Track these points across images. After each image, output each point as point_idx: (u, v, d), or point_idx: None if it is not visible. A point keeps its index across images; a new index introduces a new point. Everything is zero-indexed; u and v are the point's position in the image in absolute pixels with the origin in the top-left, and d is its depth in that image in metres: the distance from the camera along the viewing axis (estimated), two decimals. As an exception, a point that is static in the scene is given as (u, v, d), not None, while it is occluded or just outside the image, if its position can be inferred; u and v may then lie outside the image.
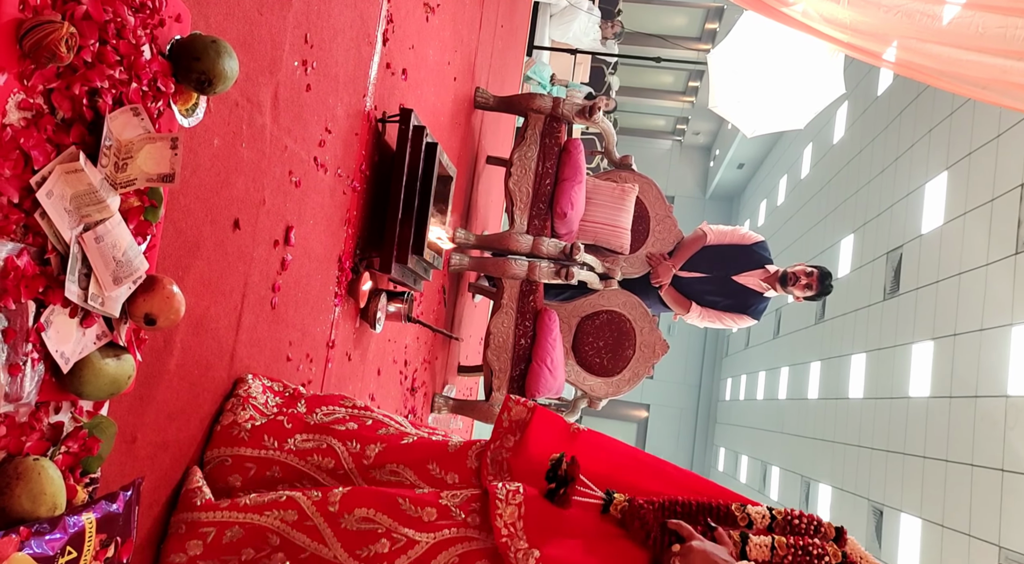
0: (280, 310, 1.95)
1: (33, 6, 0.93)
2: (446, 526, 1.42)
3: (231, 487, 1.58)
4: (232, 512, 1.46)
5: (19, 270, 0.93)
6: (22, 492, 0.95)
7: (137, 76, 1.10)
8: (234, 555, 1.41)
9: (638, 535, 1.39)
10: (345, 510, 1.43)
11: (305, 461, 1.60)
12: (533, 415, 1.59)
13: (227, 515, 1.46)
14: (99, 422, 1.12)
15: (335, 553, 1.39)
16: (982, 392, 6.66)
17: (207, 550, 1.43)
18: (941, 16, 3.38)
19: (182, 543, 1.43)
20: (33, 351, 0.96)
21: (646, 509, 1.40)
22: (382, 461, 1.59)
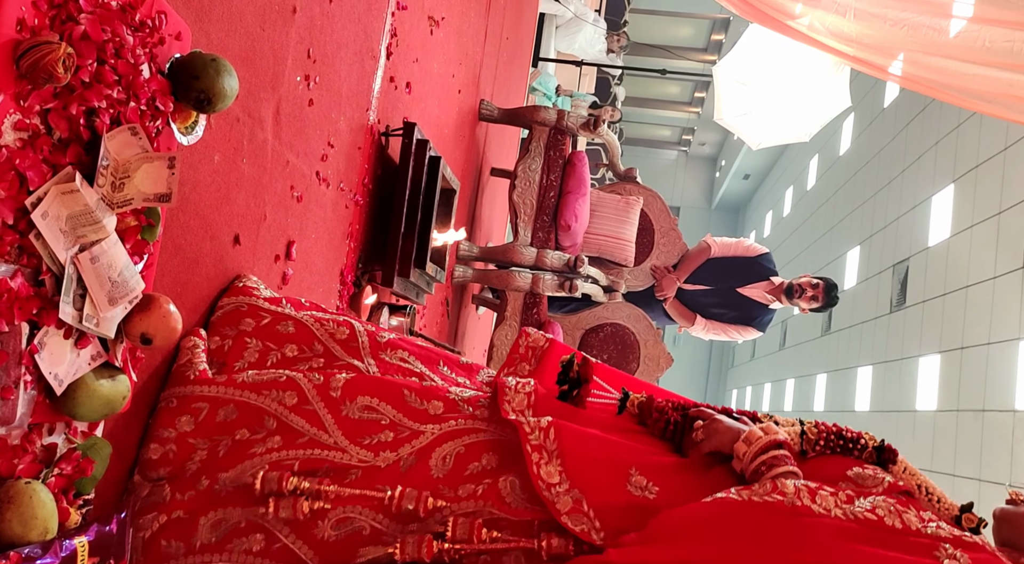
0: (281, 325, 1.94)
1: (31, 27, 0.93)
2: (452, 418, 1.36)
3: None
4: (229, 388, 1.38)
5: (13, 292, 0.92)
6: (13, 516, 0.93)
7: (135, 95, 1.09)
8: (227, 435, 1.34)
9: (656, 427, 1.34)
10: (347, 397, 1.37)
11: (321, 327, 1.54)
12: (551, 345, 1.53)
13: (222, 391, 1.38)
14: (93, 443, 1.11)
15: (335, 439, 1.32)
16: (989, 406, 6.61)
17: (198, 427, 1.35)
18: (947, 30, 3.37)
19: (172, 418, 1.35)
20: (26, 373, 0.96)
21: (665, 404, 1.36)
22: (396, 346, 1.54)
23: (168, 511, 1.26)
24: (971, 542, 1.08)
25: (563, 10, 7.70)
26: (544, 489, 1.20)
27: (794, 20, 3.75)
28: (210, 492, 1.28)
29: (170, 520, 1.25)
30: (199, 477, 1.30)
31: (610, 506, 1.19)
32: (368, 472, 1.29)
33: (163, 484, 1.30)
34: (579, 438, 1.28)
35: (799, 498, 1.12)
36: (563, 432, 1.27)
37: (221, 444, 1.34)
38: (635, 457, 1.26)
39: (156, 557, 1.23)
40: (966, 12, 3.26)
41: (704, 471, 1.26)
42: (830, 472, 1.23)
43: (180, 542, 1.24)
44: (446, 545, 1.19)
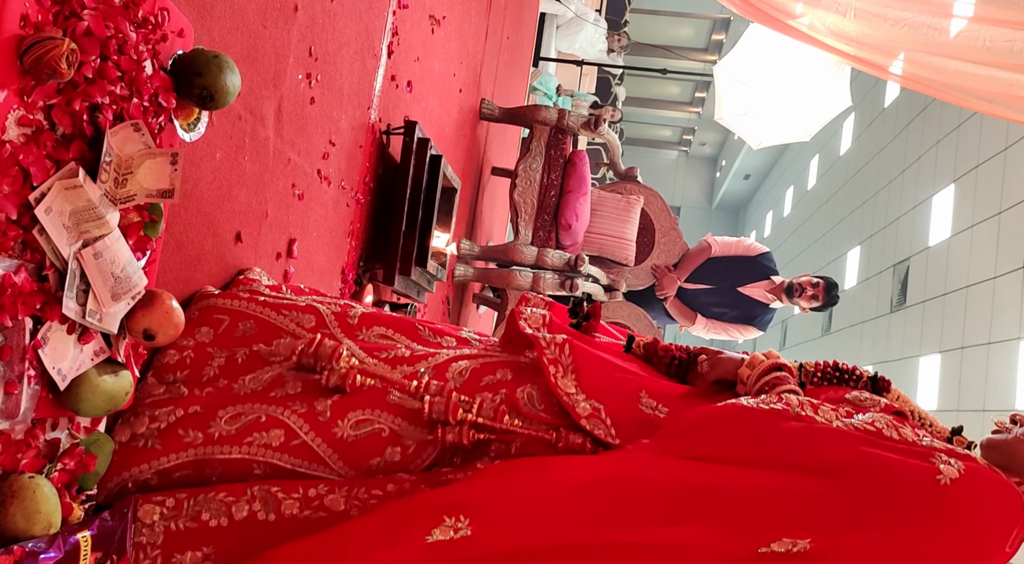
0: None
1: (34, 22, 0.93)
2: (466, 348, 1.40)
3: None
4: (251, 304, 1.41)
5: (16, 287, 0.93)
6: (16, 510, 0.94)
7: (138, 91, 1.09)
8: (244, 347, 1.36)
9: (662, 363, 1.39)
10: (364, 325, 1.40)
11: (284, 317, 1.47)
12: (552, 303, 1.56)
13: (244, 305, 1.41)
14: (96, 438, 1.12)
15: (353, 352, 1.35)
16: (990, 406, 6.61)
17: (217, 338, 1.37)
18: (948, 29, 3.37)
19: (193, 328, 1.37)
20: (30, 368, 0.96)
21: (669, 345, 1.42)
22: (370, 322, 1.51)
23: (185, 406, 1.26)
24: (964, 453, 1.15)
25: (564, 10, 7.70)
26: (563, 395, 1.24)
27: (795, 19, 3.75)
28: (229, 390, 1.29)
29: (187, 414, 1.25)
30: (218, 379, 1.31)
31: (625, 418, 1.24)
32: (386, 381, 1.31)
33: (179, 385, 1.31)
34: (593, 357, 1.33)
35: (803, 409, 1.18)
36: (577, 350, 1.32)
37: (239, 353, 1.35)
38: (644, 382, 1.32)
39: (173, 445, 1.22)
40: (967, 12, 3.26)
41: (710, 397, 1.30)
42: (828, 397, 1.29)
43: (198, 431, 1.24)
44: (470, 416, 1.22)
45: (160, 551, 1.16)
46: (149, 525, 1.16)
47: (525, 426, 1.24)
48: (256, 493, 1.18)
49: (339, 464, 1.23)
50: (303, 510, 1.18)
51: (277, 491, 1.18)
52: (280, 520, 1.17)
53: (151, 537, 1.16)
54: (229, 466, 1.22)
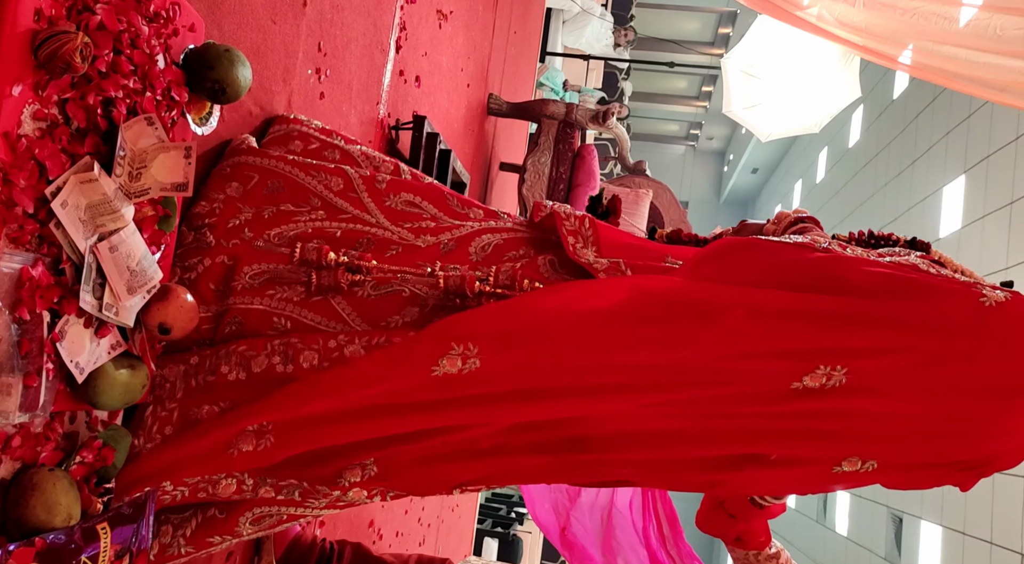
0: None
1: (48, 17, 0.94)
2: (492, 221, 1.39)
3: None
4: (280, 163, 1.40)
5: (34, 280, 0.93)
6: (37, 503, 0.94)
7: (151, 85, 1.10)
8: (272, 205, 1.35)
9: (689, 244, 1.38)
10: (392, 191, 1.38)
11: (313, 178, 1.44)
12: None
13: (273, 164, 1.40)
14: (114, 432, 1.12)
15: (377, 219, 1.34)
16: (1003, 397, 6.57)
17: (245, 195, 1.37)
18: (958, 18, 3.34)
19: (223, 183, 1.37)
20: (48, 361, 0.96)
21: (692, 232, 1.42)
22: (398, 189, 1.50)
23: (213, 256, 1.27)
24: (1012, 290, 1.06)
25: (570, 4, 7.69)
26: (583, 261, 1.22)
27: (803, 10, 3.73)
28: (253, 245, 1.30)
29: (214, 264, 1.26)
30: (243, 229, 1.32)
31: (647, 269, 1.21)
32: (408, 249, 1.30)
33: (206, 231, 1.32)
34: (613, 230, 1.31)
35: (829, 245, 1.12)
36: (598, 224, 1.30)
37: (266, 210, 1.35)
38: (667, 249, 1.29)
39: (202, 297, 1.24)
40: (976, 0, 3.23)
41: None
42: None
43: (223, 285, 1.25)
44: (487, 287, 1.20)
45: (178, 406, 1.17)
46: (171, 382, 1.18)
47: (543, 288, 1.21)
48: (276, 347, 1.18)
49: (358, 321, 1.22)
50: (322, 362, 1.16)
51: (296, 342, 1.18)
52: (298, 371, 1.16)
53: (170, 392, 1.18)
54: (250, 317, 1.22)
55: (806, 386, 1.04)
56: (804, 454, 1.13)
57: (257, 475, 1.19)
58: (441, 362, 1.07)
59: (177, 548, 1.26)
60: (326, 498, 1.21)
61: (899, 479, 1.16)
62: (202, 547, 1.28)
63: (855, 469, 1.12)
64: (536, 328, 1.10)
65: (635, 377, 1.09)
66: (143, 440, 1.17)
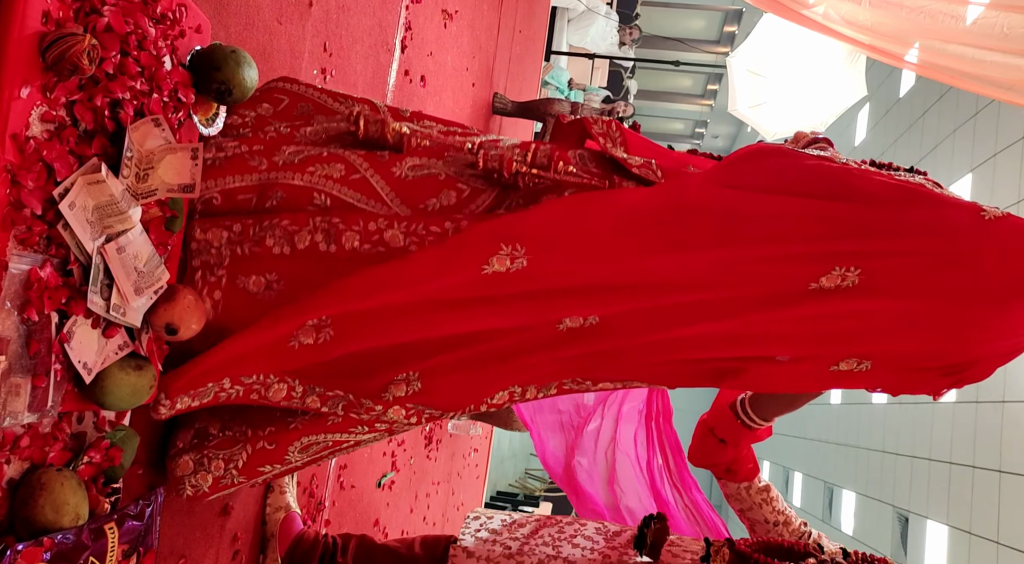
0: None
1: (56, 19, 0.94)
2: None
3: None
4: (309, 89, 1.44)
5: (42, 281, 0.94)
6: (45, 502, 0.95)
7: (158, 87, 1.10)
8: (306, 123, 1.38)
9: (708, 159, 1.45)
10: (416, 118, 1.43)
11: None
12: None
13: (303, 90, 1.43)
14: (122, 432, 1.13)
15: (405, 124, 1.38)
16: (1009, 397, 6.54)
17: (276, 114, 1.40)
18: (964, 16, 3.33)
19: (254, 104, 1.39)
20: (56, 362, 0.97)
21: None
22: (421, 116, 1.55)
23: (250, 144, 1.29)
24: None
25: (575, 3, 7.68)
26: (616, 155, 1.28)
27: (808, 9, 3.72)
28: (290, 135, 1.34)
29: (252, 149, 1.28)
30: (279, 129, 1.35)
31: (675, 173, 1.28)
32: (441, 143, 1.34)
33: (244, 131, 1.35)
34: (638, 136, 1.36)
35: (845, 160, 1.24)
36: (625, 129, 1.35)
37: (298, 120, 1.39)
38: (689, 158, 1.37)
39: (239, 167, 1.26)
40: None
41: None
42: None
43: (263, 158, 1.27)
44: (524, 167, 1.24)
45: (226, 272, 1.20)
46: (217, 247, 1.21)
47: (578, 174, 1.25)
48: (318, 224, 1.21)
49: (395, 201, 1.25)
50: (363, 244, 1.20)
51: (338, 222, 1.21)
52: (340, 252, 1.20)
53: (217, 258, 1.21)
54: (291, 193, 1.24)
55: (822, 286, 1.14)
56: (808, 352, 1.23)
57: (307, 383, 1.24)
58: (491, 261, 1.14)
59: (230, 479, 1.32)
60: (368, 414, 1.25)
61: (887, 382, 1.28)
62: (253, 476, 1.33)
63: (851, 368, 1.22)
64: (580, 231, 1.17)
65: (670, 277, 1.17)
66: None
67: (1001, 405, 6.64)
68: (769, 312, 1.17)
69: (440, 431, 3.70)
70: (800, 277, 1.14)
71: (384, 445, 2.82)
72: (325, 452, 1.37)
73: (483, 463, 5.41)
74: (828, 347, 1.21)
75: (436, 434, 3.62)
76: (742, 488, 1.62)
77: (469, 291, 1.16)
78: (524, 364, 1.25)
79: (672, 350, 1.25)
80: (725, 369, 1.28)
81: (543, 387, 1.32)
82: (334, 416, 1.28)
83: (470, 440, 4.69)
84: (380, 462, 2.79)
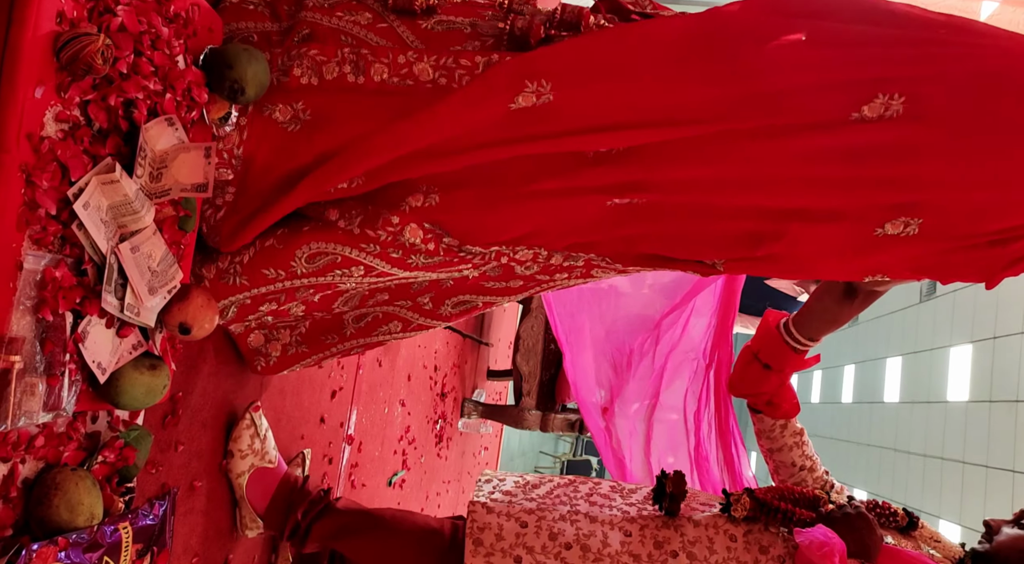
0: (312, 317, 1.95)
1: (70, 19, 0.94)
2: None
3: None
4: None
5: (57, 281, 0.94)
6: (60, 502, 0.95)
7: (172, 86, 1.10)
8: None
9: None
10: None
11: None
12: None
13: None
14: (136, 432, 1.13)
15: None
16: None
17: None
18: (979, 12, 3.31)
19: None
20: (71, 361, 0.97)
21: None
22: None
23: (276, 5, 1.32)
24: None
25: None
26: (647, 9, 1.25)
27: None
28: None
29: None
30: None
31: None
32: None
33: None
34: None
35: None
36: None
37: None
38: None
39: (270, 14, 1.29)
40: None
41: None
42: None
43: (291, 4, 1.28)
44: (553, 31, 1.22)
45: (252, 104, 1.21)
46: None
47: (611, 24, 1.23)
48: (346, 55, 1.21)
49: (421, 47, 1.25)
50: (391, 77, 1.20)
51: (367, 54, 1.21)
52: (368, 84, 1.20)
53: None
54: (319, 30, 1.25)
55: (864, 116, 1.08)
56: (850, 205, 1.15)
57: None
58: (517, 99, 1.13)
59: (233, 276, 1.30)
60: (384, 230, 1.23)
61: (935, 260, 1.19)
62: (257, 280, 1.30)
63: (897, 233, 1.15)
64: (606, 64, 1.14)
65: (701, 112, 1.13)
66: None
67: (1015, 404, 6.59)
68: (809, 140, 1.11)
69: (450, 429, 3.71)
70: (842, 105, 1.08)
71: (395, 443, 2.83)
72: (331, 273, 1.31)
73: (493, 461, 5.41)
74: (871, 194, 1.13)
75: (447, 432, 3.63)
76: (777, 426, 1.60)
77: (497, 132, 1.15)
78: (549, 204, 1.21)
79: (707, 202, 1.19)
80: (763, 232, 1.21)
81: (570, 256, 1.29)
82: (348, 231, 1.26)
83: (480, 438, 4.69)
84: (391, 461, 2.80)
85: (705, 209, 1.22)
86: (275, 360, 1.47)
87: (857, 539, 1.37)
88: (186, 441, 1.44)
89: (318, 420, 2.05)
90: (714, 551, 1.42)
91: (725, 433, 1.91)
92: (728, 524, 1.46)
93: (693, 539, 1.43)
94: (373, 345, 1.54)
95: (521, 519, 1.49)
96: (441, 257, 1.27)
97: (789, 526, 1.42)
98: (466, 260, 1.28)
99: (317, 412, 2.04)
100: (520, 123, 1.14)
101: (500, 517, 1.51)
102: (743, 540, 1.43)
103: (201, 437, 1.50)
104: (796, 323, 1.50)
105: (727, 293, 2.12)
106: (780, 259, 1.25)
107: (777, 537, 1.43)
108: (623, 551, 1.41)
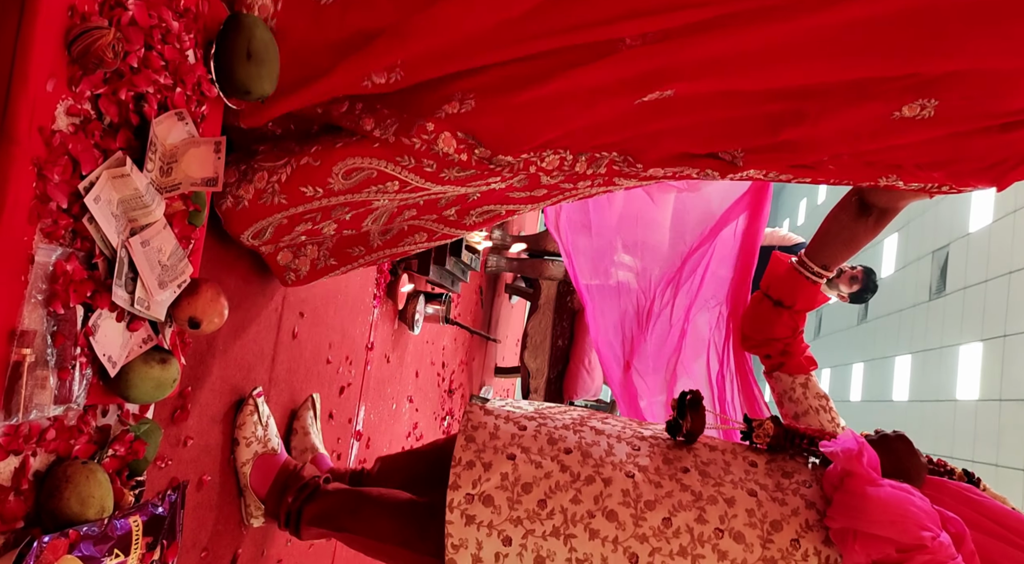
0: (320, 312, 1.95)
1: (81, 12, 0.94)
2: None
3: None
4: None
5: (68, 274, 0.94)
6: (71, 495, 0.95)
7: (182, 81, 1.10)
8: None
9: None
10: None
11: None
12: None
13: None
14: (146, 426, 1.13)
15: None
16: (1034, 395, 6.46)
17: None
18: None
19: None
20: (81, 355, 0.97)
21: None
22: None
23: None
24: None
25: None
26: None
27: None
28: None
29: None
30: None
31: None
32: None
33: None
34: None
35: None
36: None
37: None
38: None
39: None
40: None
41: None
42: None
43: None
44: None
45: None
46: None
47: None
48: None
49: None
50: None
51: None
52: None
53: None
54: None
55: None
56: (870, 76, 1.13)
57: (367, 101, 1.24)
58: None
59: (271, 196, 1.32)
60: (418, 139, 1.23)
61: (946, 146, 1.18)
62: (295, 198, 1.32)
63: (914, 115, 1.15)
64: None
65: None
66: None
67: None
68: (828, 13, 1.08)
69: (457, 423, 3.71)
70: None
71: (403, 439, 2.83)
72: (367, 190, 1.32)
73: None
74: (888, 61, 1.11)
75: (454, 429, 3.63)
76: (797, 385, 1.52)
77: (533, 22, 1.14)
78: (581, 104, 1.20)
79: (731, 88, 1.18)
80: (784, 114, 1.19)
81: (593, 162, 1.28)
82: (383, 141, 1.26)
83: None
84: (399, 457, 2.80)
85: (729, 97, 1.21)
86: (305, 273, 1.52)
87: (894, 460, 1.29)
88: (195, 436, 1.44)
89: (327, 416, 2.06)
90: (730, 472, 1.31)
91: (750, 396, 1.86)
92: (749, 451, 1.36)
93: (707, 460, 1.33)
94: (398, 255, 1.57)
95: (520, 423, 1.41)
96: (473, 169, 1.28)
97: (816, 453, 1.32)
98: (496, 172, 1.29)
99: (326, 408, 2.04)
100: (557, 8, 1.14)
101: (498, 419, 1.44)
102: (765, 467, 1.32)
103: (210, 432, 1.51)
104: (809, 252, 1.45)
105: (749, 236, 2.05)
106: (798, 147, 1.24)
107: (803, 465, 1.32)
108: (627, 461, 1.31)
